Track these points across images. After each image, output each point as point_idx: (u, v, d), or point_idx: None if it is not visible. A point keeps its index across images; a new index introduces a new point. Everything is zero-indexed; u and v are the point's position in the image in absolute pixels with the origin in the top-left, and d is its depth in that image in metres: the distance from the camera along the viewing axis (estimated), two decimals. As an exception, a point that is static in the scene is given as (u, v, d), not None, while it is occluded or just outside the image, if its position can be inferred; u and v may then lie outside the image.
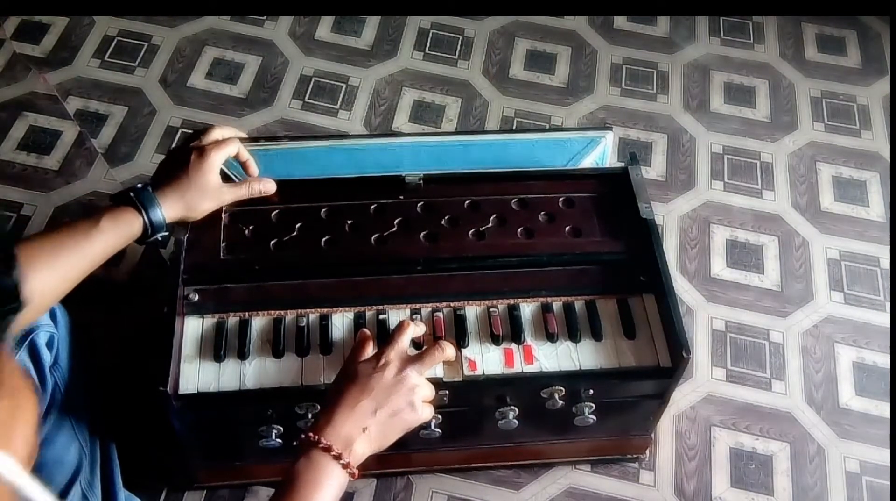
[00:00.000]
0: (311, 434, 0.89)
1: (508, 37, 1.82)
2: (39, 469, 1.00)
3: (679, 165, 1.64)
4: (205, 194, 1.06)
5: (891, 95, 1.77)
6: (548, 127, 1.65)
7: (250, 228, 1.13)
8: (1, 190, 1.51)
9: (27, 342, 0.95)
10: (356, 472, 0.90)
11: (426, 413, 0.97)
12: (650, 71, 1.78)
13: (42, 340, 0.97)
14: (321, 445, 0.88)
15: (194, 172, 1.04)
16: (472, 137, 1.30)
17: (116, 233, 0.97)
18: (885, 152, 1.68)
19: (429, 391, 0.98)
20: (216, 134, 1.09)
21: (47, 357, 0.98)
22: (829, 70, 1.81)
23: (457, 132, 1.61)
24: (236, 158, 1.11)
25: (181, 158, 1.06)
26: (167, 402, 0.99)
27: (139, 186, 1.01)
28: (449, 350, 1.01)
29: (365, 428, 0.91)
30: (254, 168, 1.13)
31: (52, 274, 0.90)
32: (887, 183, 1.63)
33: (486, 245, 1.13)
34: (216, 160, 1.06)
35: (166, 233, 1.03)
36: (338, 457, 0.88)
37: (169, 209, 1.02)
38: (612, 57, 1.80)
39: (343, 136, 1.57)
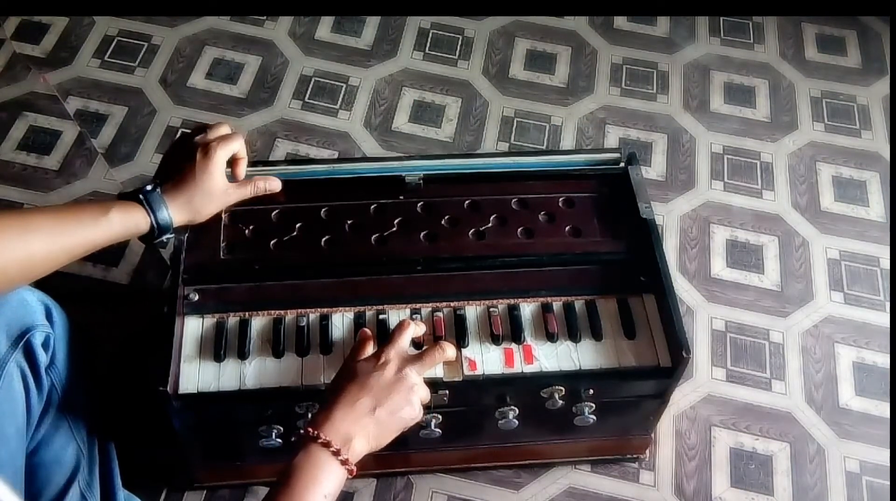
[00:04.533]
0: (309, 429, 0.89)
1: (508, 37, 1.82)
2: (37, 470, 1.01)
3: (679, 165, 1.64)
4: (211, 198, 1.05)
5: (891, 95, 1.77)
6: (551, 149, 1.61)
7: (250, 228, 1.13)
8: (1, 190, 1.51)
9: (23, 343, 0.95)
10: (354, 469, 0.90)
11: (422, 414, 0.97)
12: (650, 71, 1.78)
13: (38, 340, 0.96)
14: (320, 440, 0.88)
15: (200, 175, 1.03)
16: (478, 160, 1.26)
17: (123, 226, 0.97)
18: (885, 152, 1.68)
19: (425, 393, 0.98)
20: (218, 131, 1.08)
21: (43, 358, 0.98)
22: (829, 70, 1.81)
23: (462, 156, 1.53)
24: (233, 156, 1.09)
25: (185, 157, 1.04)
26: (167, 402, 0.99)
27: (148, 188, 1.01)
28: (449, 351, 1.01)
29: (364, 426, 0.91)
30: (242, 169, 1.11)
31: (51, 243, 0.90)
32: (887, 183, 1.63)
33: (486, 245, 1.13)
34: (221, 159, 1.05)
35: (170, 235, 1.03)
36: (336, 453, 0.88)
37: (175, 213, 1.02)
38: (612, 57, 1.80)
39: (343, 160, 1.52)
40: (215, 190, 1.05)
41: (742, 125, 1.71)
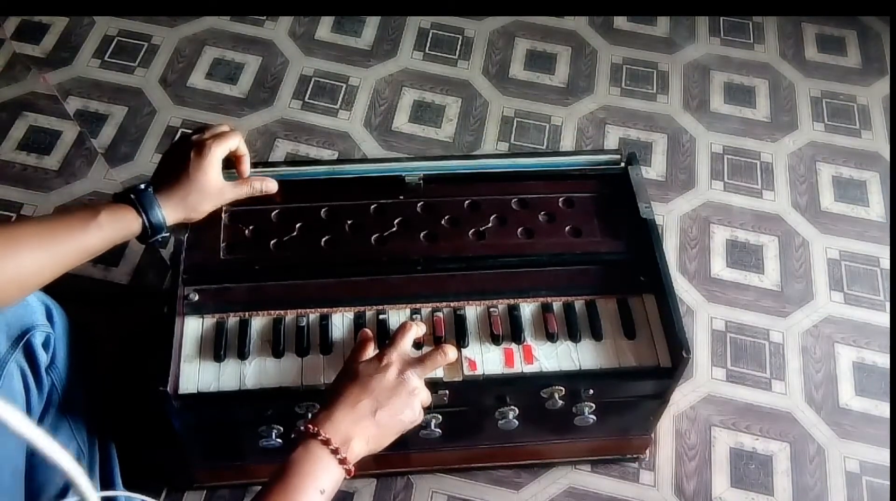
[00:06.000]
0: (310, 426, 0.89)
1: (508, 37, 1.82)
2: (36, 470, 1.01)
3: (679, 165, 1.64)
4: (206, 195, 1.05)
5: (891, 95, 1.77)
6: (552, 150, 1.62)
7: (250, 228, 1.13)
8: (1, 190, 1.51)
9: (23, 343, 0.94)
10: (352, 469, 0.89)
11: (422, 417, 0.98)
12: (650, 71, 1.78)
13: (38, 341, 0.96)
14: (320, 437, 0.88)
15: (195, 172, 1.03)
16: (478, 161, 1.26)
17: (114, 230, 0.96)
18: (885, 152, 1.68)
19: (426, 396, 0.98)
20: (215, 130, 1.07)
21: (43, 358, 0.98)
22: (829, 70, 1.81)
23: (462, 156, 1.54)
24: (233, 153, 1.09)
25: (181, 155, 1.04)
26: (167, 402, 0.99)
27: (141, 187, 1.00)
28: (451, 354, 1.01)
29: (364, 427, 0.91)
30: (246, 166, 1.11)
31: (42, 255, 0.89)
32: (887, 183, 1.63)
33: (486, 245, 1.13)
34: (216, 156, 1.04)
35: (166, 234, 1.03)
36: (335, 452, 0.88)
37: (170, 212, 1.01)
38: (612, 57, 1.80)
39: (343, 161, 1.53)
40: (210, 188, 1.04)
41: (742, 125, 1.71)
